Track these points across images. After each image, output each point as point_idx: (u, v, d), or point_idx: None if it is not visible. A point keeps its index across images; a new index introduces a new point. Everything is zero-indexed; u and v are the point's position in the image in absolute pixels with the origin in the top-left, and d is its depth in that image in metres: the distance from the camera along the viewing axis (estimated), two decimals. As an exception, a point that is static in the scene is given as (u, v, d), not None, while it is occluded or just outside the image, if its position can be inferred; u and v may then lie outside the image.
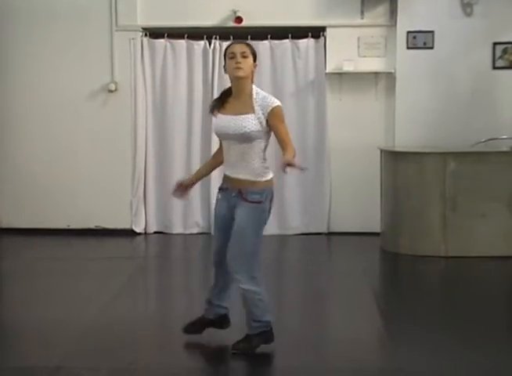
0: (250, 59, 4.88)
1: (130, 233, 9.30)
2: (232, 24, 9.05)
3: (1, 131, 9.36)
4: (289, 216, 9.34)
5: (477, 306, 6.34)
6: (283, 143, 4.80)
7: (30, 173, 9.32)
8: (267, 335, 5.07)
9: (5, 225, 9.42)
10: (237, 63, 4.82)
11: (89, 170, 9.30)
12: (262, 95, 4.91)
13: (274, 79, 9.23)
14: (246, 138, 4.85)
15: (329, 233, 9.31)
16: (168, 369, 4.83)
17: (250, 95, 4.90)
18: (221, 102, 5.00)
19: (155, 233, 9.46)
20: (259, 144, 4.89)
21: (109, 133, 9.23)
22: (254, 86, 4.95)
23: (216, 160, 5.26)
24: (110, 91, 9.17)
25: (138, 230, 9.38)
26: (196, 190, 5.12)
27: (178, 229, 9.41)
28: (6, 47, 9.24)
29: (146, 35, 9.27)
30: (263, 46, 9.15)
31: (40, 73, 9.23)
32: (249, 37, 9.02)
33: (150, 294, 7.19)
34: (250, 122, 4.83)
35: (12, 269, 7.77)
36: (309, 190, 9.33)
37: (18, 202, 9.39)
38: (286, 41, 9.18)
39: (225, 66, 4.94)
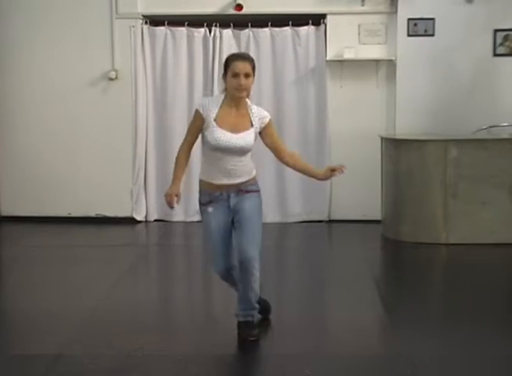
0: (252, 76, 4.89)
1: (131, 221, 9.31)
2: (232, 12, 9.01)
3: (2, 120, 9.34)
4: (290, 204, 9.35)
5: (477, 293, 6.34)
6: (281, 147, 5.12)
7: (31, 161, 9.32)
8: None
9: (5, 213, 9.43)
10: (240, 85, 4.82)
11: (90, 158, 9.30)
12: (256, 107, 5.00)
13: (274, 67, 9.21)
14: (246, 151, 4.96)
15: (331, 221, 9.32)
16: (170, 356, 4.84)
17: (246, 107, 4.96)
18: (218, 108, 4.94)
19: (156, 220, 9.47)
20: (252, 150, 5.01)
21: (109, 121, 9.23)
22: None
23: (187, 161, 5.31)
24: (111, 79, 9.16)
25: (138, 218, 9.39)
26: (196, 179, 5.11)
27: (178, 217, 9.41)
28: (6, 35, 9.21)
29: (146, 23, 9.25)
30: (263, 34, 9.14)
31: (40, 61, 9.20)
32: (249, 24, 9.04)
33: (151, 281, 7.18)
34: (251, 137, 4.94)
35: (13, 257, 7.78)
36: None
37: (18, 190, 9.40)
38: (287, 28, 9.15)
39: (224, 76, 4.92)
